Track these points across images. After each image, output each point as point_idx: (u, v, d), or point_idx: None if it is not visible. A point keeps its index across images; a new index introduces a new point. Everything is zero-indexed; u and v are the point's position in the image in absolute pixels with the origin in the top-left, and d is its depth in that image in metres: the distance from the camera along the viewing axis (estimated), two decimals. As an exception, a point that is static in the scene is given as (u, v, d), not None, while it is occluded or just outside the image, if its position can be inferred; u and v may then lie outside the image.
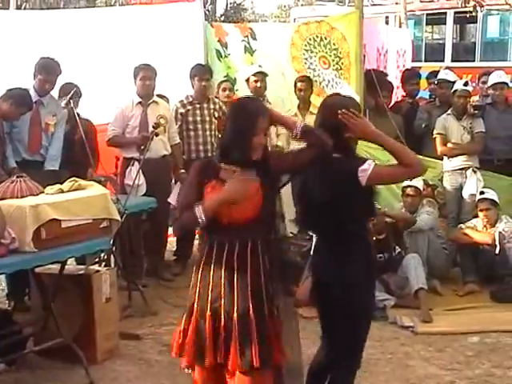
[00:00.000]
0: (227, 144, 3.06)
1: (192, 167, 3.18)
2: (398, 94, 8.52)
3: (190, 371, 3.14)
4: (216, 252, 3.01)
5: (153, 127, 6.03)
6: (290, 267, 3.59)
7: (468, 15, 15.53)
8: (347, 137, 3.23)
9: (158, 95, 6.59)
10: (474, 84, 8.65)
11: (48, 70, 5.83)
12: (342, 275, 3.19)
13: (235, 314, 2.95)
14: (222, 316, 2.96)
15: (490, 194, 6.24)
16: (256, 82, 6.91)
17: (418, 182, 6.25)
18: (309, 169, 3.14)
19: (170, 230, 7.13)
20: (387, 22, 16.98)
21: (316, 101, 7.19)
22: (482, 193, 6.29)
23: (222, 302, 2.97)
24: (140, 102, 6.32)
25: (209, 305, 3.00)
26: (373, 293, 3.44)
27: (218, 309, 2.98)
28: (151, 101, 6.37)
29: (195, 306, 3.07)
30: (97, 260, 5.70)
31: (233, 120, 3.08)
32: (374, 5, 18.90)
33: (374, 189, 3.27)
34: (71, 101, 5.94)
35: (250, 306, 2.95)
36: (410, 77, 8.09)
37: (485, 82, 7.57)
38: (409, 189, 6.25)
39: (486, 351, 4.85)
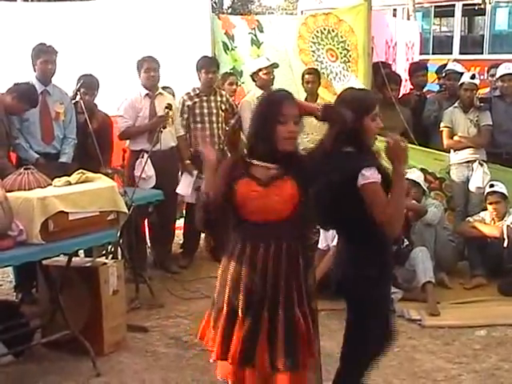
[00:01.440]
0: (252, 136, 2.96)
1: (222, 164, 3.07)
2: (406, 86, 8.49)
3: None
4: (250, 252, 2.91)
5: (166, 107, 6.10)
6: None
7: (476, 7, 15.46)
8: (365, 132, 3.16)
9: (163, 87, 6.58)
10: (482, 77, 8.61)
11: (45, 50, 5.83)
12: (352, 272, 3.17)
13: (280, 314, 2.86)
14: (263, 316, 2.88)
15: (500, 187, 6.21)
16: (267, 74, 6.85)
17: (414, 175, 6.21)
18: (321, 165, 3.02)
19: (178, 223, 7.18)
20: (395, 15, 16.90)
21: (323, 93, 7.19)
22: (491, 186, 6.26)
23: (263, 303, 2.88)
24: (147, 94, 6.31)
25: (242, 305, 2.90)
26: (385, 292, 3.36)
27: (255, 310, 2.89)
28: (158, 92, 6.36)
29: (225, 305, 2.96)
30: (104, 252, 5.72)
31: (256, 111, 2.98)
32: (381, -3, 18.83)
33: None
34: (78, 92, 5.97)
35: (296, 309, 2.89)
36: (416, 69, 8.05)
37: (493, 75, 7.54)
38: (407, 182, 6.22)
39: (493, 344, 4.84)
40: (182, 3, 7.53)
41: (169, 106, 6.14)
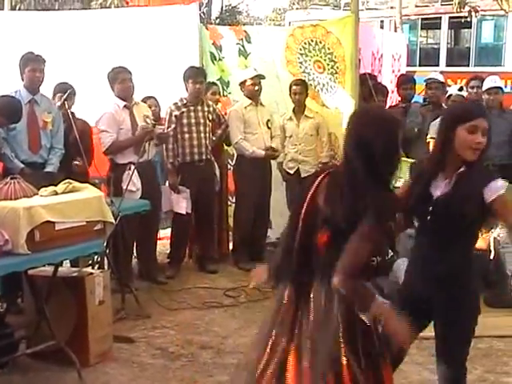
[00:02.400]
0: None
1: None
2: (393, 98, 8.53)
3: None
4: None
5: (147, 117, 6.13)
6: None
7: (463, 20, 15.60)
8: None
9: (147, 97, 6.58)
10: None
11: (33, 59, 5.83)
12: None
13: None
14: None
15: None
16: (253, 85, 6.92)
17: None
18: None
19: (161, 233, 7.18)
20: (382, 27, 17.03)
21: (311, 104, 7.22)
22: None
23: None
24: (125, 105, 6.27)
25: None
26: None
27: None
28: (133, 102, 6.35)
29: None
30: (90, 262, 5.69)
31: None
32: (369, 9, 18.99)
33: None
34: (66, 102, 5.96)
35: None
36: (404, 81, 8.08)
37: (473, 87, 7.57)
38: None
39: (479, 356, 4.84)
40: (171, 14, 7.56)
41: (149, 117, 6.14)
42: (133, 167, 5.98)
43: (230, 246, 7.40)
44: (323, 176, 2.95)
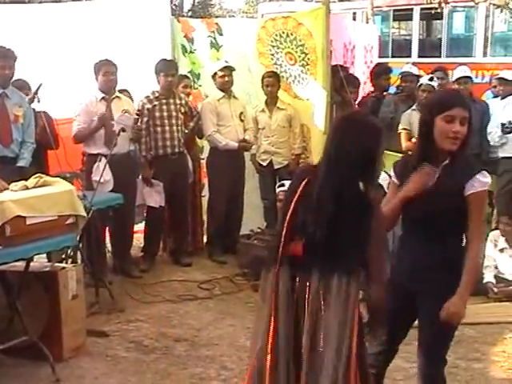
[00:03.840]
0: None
1: None
2: (365, 89, 8.56)
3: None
4: None
5: (137, 114, 6.28)
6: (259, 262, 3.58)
7: (433, 11, 15.68)
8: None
9: (120, 90, 6.56)
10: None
11: (3, 55, 5.76)
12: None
13: None
14: None
15: None
16: (223, 76, 6.93)
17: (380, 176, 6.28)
18: None
19: (137, 227, 7.16)
20: (355, 18, 17.06)
21: (283, 96, 7.24)
22: None
23: None
24: (103, 98, 6.28)
25: None
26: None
27: None
28: (114, 96, 6.33)
29: None
30: (64, 257, 5.66)
31: None
32: (341, 0, 19.01)
33: None
34: (36, 96, 5.92)
35: None
36: (380, 72, 8.10)
37: (438, 78, 7.60)
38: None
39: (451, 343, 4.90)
40: (142, 6, 7.50)
41: (128, 111, 6.17)
42: (103, 159, 5.96)
43: (205, 239, 7.40)
44: (305, 182, 2.98)
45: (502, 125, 6.38)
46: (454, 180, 3.12)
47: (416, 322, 3.42)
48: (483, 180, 3.12)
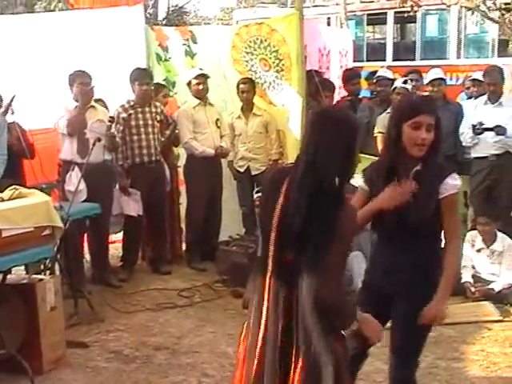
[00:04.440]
0: None
1: None
2: (341, 93, 8.60)
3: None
4: None
5: (109, 121, 6.21)
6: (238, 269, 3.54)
7: (406, 15, 15.81)
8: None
9: (95, 99, 6.54)
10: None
11: None
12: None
13: None
14: None
15: None
16: (198, 84, 6.95)
17: (355, 180, 6.30)
18: None
19: (115, 237, 7.15)
20: (329, 23, 17.18)
21: (259, 102, 7.26)
22: None
23: None
24: (78, 107, 6.24)
25: None
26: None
27: None
28: (89, 106, 6.31)
29: None
30: (42, 268, 5.63)
31: None
32: (315, 6, 19.11)
33: None
34: (10, 107, 5.89)
35: None
36: (351, 76, 8.17)
37: (412, 80, 7.68)
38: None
39: (430, 344, 4.87)
40: (116, 15, 7.51)
41: (103, 121, 6.16)
42: (76, 168, 5.95)
43: (183, 247, 7.39)
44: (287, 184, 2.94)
45: (473, 126, 6.44)
46: (427, 185, 3.14)
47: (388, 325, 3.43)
48: (454, 183, 3.17)
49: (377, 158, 6.77)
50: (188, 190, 7.20)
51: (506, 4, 13.75)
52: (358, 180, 6.24)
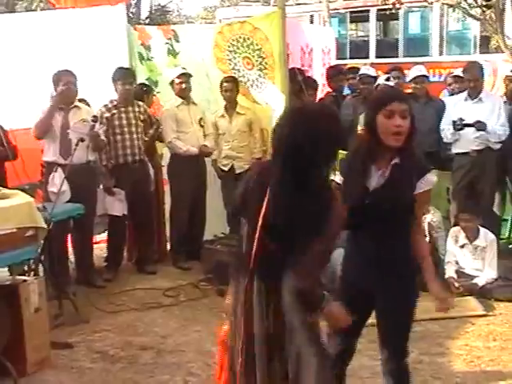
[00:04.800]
0: None
1: None
2: (324, 91, 8.62)
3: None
4: None
5: (92, 120, 6.15)
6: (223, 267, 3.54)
7: (388, 12, 15.87)
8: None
9: (77, 99, 6.52)
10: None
11: None
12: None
13: None
14: None
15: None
16: (180, 83, 6.94)
17: (339, 178, 6.33)
18: None
19: (99, 237, 7.12)
20: (312, 21, 17.22)
21: (242, 101, 7.25)
22: None
23: None
24: (61, 108, 6.21)
25: None
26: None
27: None
28: (73, 106, 6.28)
29: None
30: (25, 269, 5.60)
31: None
32: (298, 4, 19.15)
33: None
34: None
35: None
36: (334, 74, 8.19)
37: (394, 77, 7.71)
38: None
39: (415, 339, 4.90)
40: (98, 15, 7.48)
41: (86, 120, 6.13)
42: (59, 169, 5.93)
43: (168, 246, 7.38)
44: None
45: (454, 122, 6.47)
46: (406, 177, 3.16)
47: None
48: (432, 179, 3.21)
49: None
50: (172, 190, 7.19)
51: (486, 1, 13.82)
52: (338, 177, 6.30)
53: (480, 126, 6.40)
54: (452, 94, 7.84)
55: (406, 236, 3.27)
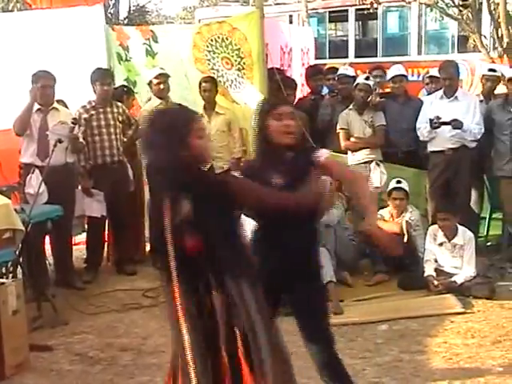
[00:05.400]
0: None
1: None
2: (303, 91, 8.64)
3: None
4: None
5: (72, 123, 6.17)
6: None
7: (366, 12, 15.94)
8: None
9: (55, 100, 6.48)
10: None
11: None
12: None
13: None
14: None
15: (405, 185, 6.43)
16: (159, 84, 6.93)
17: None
18: None
19: (78, 239, 7.08)
20: (291, 21, 17.23)
21: (221, 101, 7.26)
22: (398, 182, 6.45)
23: None
24: (39, 109, 6.18)
25: None
26: None
27: None
28: (51, 107, 6.24)
29: None
30: (3, 271, 5.57)
31: None
32: (277, 4, 19.16)
33: None
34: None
35: None
36: (313, 73, 8.20)
37: (376, 76, 7.76)
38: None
39: (394, 338, 5.00)
40: (76, 15, 7.46)
41: (65, 122, 6.12)
42: (36, 170, 5.90)
43: (148, 247, 7.34)
44: None
45: (431, 120, 6.50)
46: (302, 165, 3.34)
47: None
48: (325, 151, 3.43)
49: (340, 155, 6.91)
50: (150, 190, 7.14)
51: (463, 0, 13.92)
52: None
53: (456, 124, 6.44)
54: (430, 94, 7.88)
55: (310, 224, 3.43)
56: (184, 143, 2.86)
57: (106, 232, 7.04)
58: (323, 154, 3.39)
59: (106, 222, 6.90)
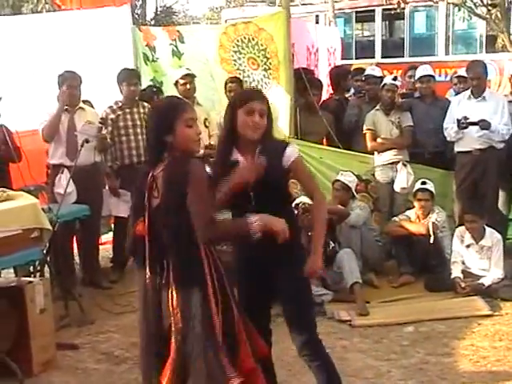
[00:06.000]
0: None
1: None
2: (329, 91, 8.61)
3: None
4: None
5: (100, 123, 6.24)
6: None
7: (393, 12, 15.85)
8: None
9: (82, 100, 6.52)
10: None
11: None
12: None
13: None
14: None
15: (430, 186, 6.38)
16: (185, 84, 6.93)
17: (349, 178, 6.34)
18: None
19: (104, 238, 7.12)
20: (317, 21, 17.19)
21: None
22: (423, 183, 6.40)
23: None
24: (66, 109, 6.22)
25: None
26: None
27: None
28: (78, 107, 6.29)
29: None
30: (32, 270, 5.62)
31: None
32: (304, 4, 19.12)
33: None
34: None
35: None
36: (340, 74, 8.18)
37: (411, 76, 7.74)
38: (336, 184, 6.35)
39: (420, 340, 4.95)
40: (104, 16, 7.52)
41: (91, 122, 6.15)
42: (66, 170, 5.94)
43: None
44: None
45: (458, 120, 6.43)
46: (271, 159, 3.32)
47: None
48: (293, 150, 3.41)
49: (366, 155, 6.89)
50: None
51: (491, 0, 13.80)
52: (348, 178, 6.29)
53: (484, 124, 6.36)
54: (458, 94, 7.81)
55: (286, 209, 3.41)
56: (169, 129, 3.01)
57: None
58: (292, 154, 3.38)
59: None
